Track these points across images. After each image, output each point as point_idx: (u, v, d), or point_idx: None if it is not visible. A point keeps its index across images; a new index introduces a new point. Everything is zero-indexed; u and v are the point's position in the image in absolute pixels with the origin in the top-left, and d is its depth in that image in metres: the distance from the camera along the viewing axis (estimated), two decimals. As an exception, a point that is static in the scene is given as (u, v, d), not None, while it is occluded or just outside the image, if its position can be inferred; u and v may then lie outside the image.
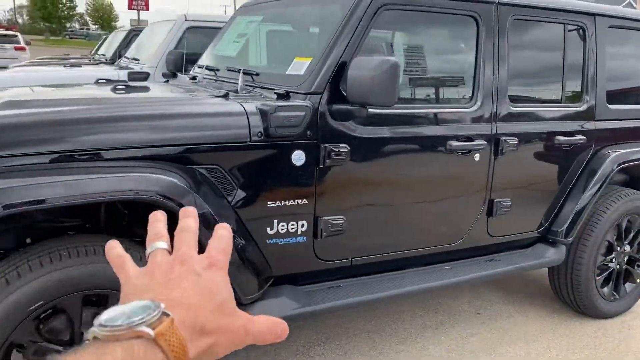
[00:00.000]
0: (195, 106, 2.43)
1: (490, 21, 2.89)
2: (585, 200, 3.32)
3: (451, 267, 3.05)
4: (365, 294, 2.69)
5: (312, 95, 2.46)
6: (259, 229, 2.43)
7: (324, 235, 2.56)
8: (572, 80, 3.30)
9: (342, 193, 2.59)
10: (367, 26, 2.55)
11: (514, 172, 3.11)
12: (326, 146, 2.47)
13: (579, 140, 3.27)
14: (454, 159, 2.83)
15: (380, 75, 2.33)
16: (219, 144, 2.29)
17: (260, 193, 2.40)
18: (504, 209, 3.09)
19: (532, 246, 3.40)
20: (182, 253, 0.58)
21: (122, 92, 2.68)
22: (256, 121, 2.34)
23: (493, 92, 2.93)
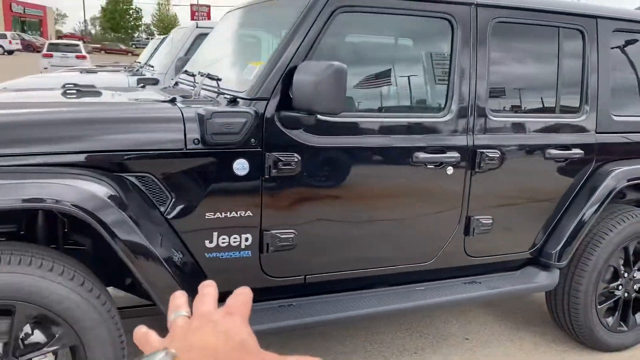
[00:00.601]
0: (129, 112, 2.34)
1: (467, 24, 2.66)
2: (582, 221, 3.01)
3: (423, 289, 2.83)
4: (318, 315, 2.52)
5: (257, 101, 2.32)
6: (197, 242, 2.31)
7: (271, 250, 2.42)
8: (569, 89, 3.01)
9: (292, 206, 2.44)
10: (322, 29, 2.39)
11: (496, 188, 2.85)
12: (272, 155, 2.33)
13: (575, 154, 2.98)
14: (422, 172, 2.62)
15: (323, 80, 2.17)
16: (151, 151, 2.19)
17: (198, 204, 2.28)
18: (484, 227, 2.84)
19: (522, 269, 3.12)
20: (199, 310, 0.61)
21: (72, 97, 2.63)
22: (193, 128, 2.22)
23: (470, 101, 2.70)
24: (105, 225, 1.98)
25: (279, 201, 2.40)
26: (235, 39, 3.32)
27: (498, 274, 3.07)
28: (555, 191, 3.02)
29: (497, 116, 2.79)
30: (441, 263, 2.84)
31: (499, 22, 2.75)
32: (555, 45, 2.92)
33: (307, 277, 2.56)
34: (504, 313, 3.75)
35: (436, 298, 2.78)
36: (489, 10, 2.71)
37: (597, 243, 3.10)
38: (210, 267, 2.35)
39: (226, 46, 3.26)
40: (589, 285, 3.11)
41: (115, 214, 2.01)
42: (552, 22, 2.89)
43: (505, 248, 3.00)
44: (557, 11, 2.89)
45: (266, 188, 2.36)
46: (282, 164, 2.35)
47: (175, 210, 2.26)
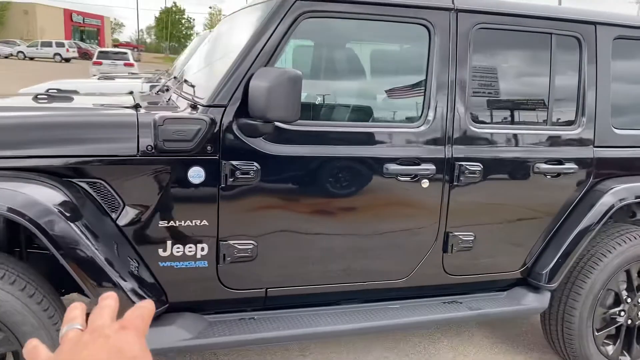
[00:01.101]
0: (83, 117, 2.33)
1: (446, 31, 2.53)
2: (576, 241, 2.81)
3: (397, 307, 2.69)
4: (280, 330, 2.43)
5: (213, 108, 2.27)
6: (150, 250, 2.26)
7: (228, 261, 2.35)
8: (563, 100, 2.83)
9: (251, 216, 2.36)
10: (285, 35, 2.32)
11: (479, 203, 2.70)
12: (230, 164, 2.27)
13: (569, 169, 2.79)
14: (393, 184, 2.50)
15: (277, 87, 2.10)
16: (103, 157, 2.17)
17: (151, 212, 2.24)
18: (464, 244, 2.69)
19: (509, 290, 2.93)
20: (93, 324, 0.58)
21: (43, 102, 2.64)
22: (147, 134, 2.19)
23: (448, 111, 2.56)
24: (44, 229, 1.96)
25: (237, 211, 2.33)
26: (220, 45, 3.29)
27: (483, 294, 2.90)
28: (546, 208, 2.83)
29: (480, 127, 2.64)
30: (418, 280, 2.70)
31: (482, 28, 2.61)
32: (547, 53, 2.74)
33: (268, 290, 2.48)
34: (502, 335, 3.55)
35: (411, 317, 2.64)
36: (470, 16, 2.58)
37: (593, 265, 2.89)
38: (165, 276, 2.30)
39: (212, 52, 3.23)
40: (584, 310, 2.90)
41: (55, 218, 1.99)
42: (543, 29, 2.72)
43: (490, 267, 2.83)
44: (549, 17, 2.72)
45: (223, 197, 2.29)
46: (240, 172, 2.28)
47: (128, 218, 2.22)
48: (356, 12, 2.43)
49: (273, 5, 2.34)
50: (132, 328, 0.57)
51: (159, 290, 2.27)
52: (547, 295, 2.88)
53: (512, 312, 2.83)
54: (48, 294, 2.10)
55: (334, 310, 2.61)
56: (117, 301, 0.63)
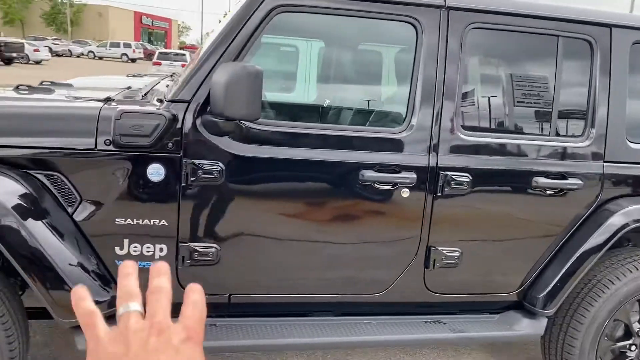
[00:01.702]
0: (46, 109, 2.29)
1: (435, 30, 2.35)
2: (577, 263, 2.56)
3: (373, 323, 2.52)
4: (237, 339, 2.31)
5: (176, 104, 2.19)
6: (106, 247, 2.20)
7: (188, 264, 2.26)
8: (569, 110, 2.59)
9: (214, 218, 2.27)
10: (256, 30, 2.21)
11: (467, 217, 2.49)
12: (192, 162, 2.18)
13: (572, 184, 2.54)
14: (369, 192, 2.34)
15: (235, 83, 2.00)
16: (60, 149, 2.13)
17: (109, 208, 2.18)
18: (449, 260, 2.49)
19: (502, 313, 2.70)
20: (158, 321, 0.54)
21: (24, 93, 2.64)
22: (106, 128, 2.13)
23: (434, 117, 2.38)
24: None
25: (198, 212, 2.24)
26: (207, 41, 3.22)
27: (472, 315, 2.68)
28: (546, 226, 2.59)
29: (470, 135, 2.44)
30: (396, 296, 2.52)
31: (477, 27, 2.41)
32: (552, 57, 2.51)
33: (231, 296, 2.37)
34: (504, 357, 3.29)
35: (387, 335, 2.46)
36: (463, 14, 2.38)
37: (598, 292, 2.61)
38: (121, 275, 2.23)
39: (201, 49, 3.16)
40: (586, 341, 2.63)
41: (2, 211, 1.96)
42: (549, 30, 2.49)
43: (480, 287, 2.61)
44: (557, 17, 2.49)
45: (184, 197, 2.21)
46: (202, 172, 2.19)
47: (84, 213, 2.17)
48: (336, 8, 2.29)
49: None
50: (197, 340, 0.54)
51: (110, 289, 2.20)
52: (543, 321, 2.63)
53: (500, 337, 2.60)
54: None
55: (303, 321, 2.47)
56: (169, 277, 0.58)
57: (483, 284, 2.61)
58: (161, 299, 0.56)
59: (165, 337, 0.52)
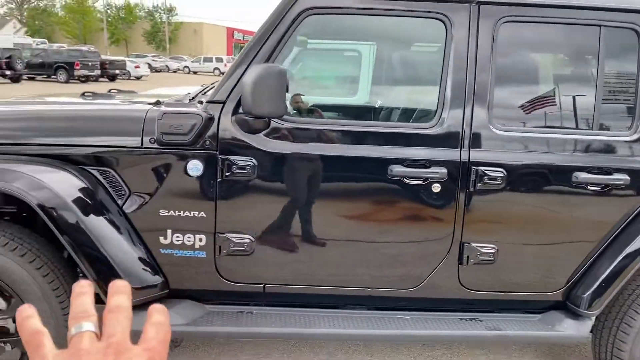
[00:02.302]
0: (101, 112, 2.54)
1: (465, 25, 2.36)
2: (625, 263, 2.44)
3: (407, 318, 2.54)
4: (271, 327, 2.43)
5: (213, 104, 2.35)
6: (152, 237, 2.40)
7: (224, 254, 2.41)
8: (614, 101, 2.48)
9: (247, 211, 2.40)
10: (286, 32, 2.34)
11: (503, 213, 2.46)
12: (227, 158, 2.33)
13: (618, 180, 2.43)
14: (399, 187, 2.38)
15: (261, 83, 2.13)
16: (112, 147, 2.36)
17: (154, 200, 2.37)
18: (483, 257, 2.46)
19: (545, 313, 2.62)
20: (116, 342, 0.49)
21: (88, 99, 2.92)
22: (150, 127, 2.33)
23: (465, 111, 2.38)
24: (49, 214, 2.18)
25: (233, 205, 2.39)
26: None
27: (512, 314, 2.62)
28: (590, 223, 2.49)
29: (504, 129, 2.41)
30: (429, 292, 2.53)
31: (509, 21, 2.38)
32: (593, 47, 2.43)
33: (266, 286, 2.49)
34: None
35: (419, 330, 2.48)
36: (495, 8, 2.37)
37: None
38: (165, 263, 2.42)
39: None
40: (636, 346, 2.49)
41: (59, 201, 2.20)
42: (589, 20, 2.41)
43: (519, 285, 2.55)
44: (597, 7, 2.40)
45: (220, 191, 2.36)
46: (236, 167, 2.33)
47: (133, 205, 2.38)
48: (365, 8, 2.37)
49: (279, 3, 2.37)
50: (158, 358, 0.50)
51: (153, 275, 2.39)
52: (587, 323, 2.53)
53: (540, 337, 2.52)
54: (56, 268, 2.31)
55: (336, 313, 2.54)
56: (130, 295, 0.54)
57: (522, 282, 2.55)
58: (120, 318, 0.52)
59: (124, 358, 0.48)
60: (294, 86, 3.23)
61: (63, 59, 27.23)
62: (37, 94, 4.07)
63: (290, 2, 2.33)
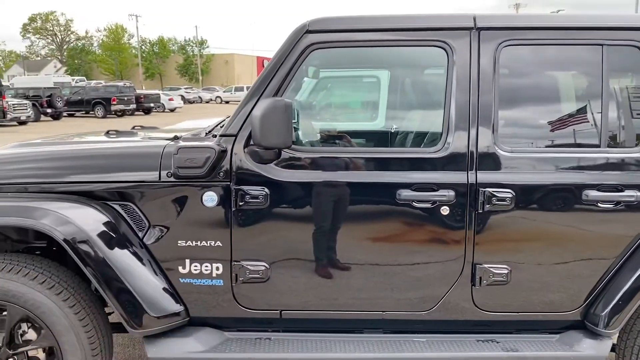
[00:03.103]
0: (121, 149, 2.68)
1: (466, 52, 2.42)
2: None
3: (423, 340, 2.57)
4: (289, 352, 2.48)
5: (226, 137, 2.46)
6: (172, 267, 2.50)
7: (240, 281, 2.49)
8: (620, 117, 2.49)
9: (262, 239, 2.48)
10: (293, 66, 2.44)
11: (513, 234, 2.47)
12: (241, 189, 2.43)
13: (629, 197, 2.42)
14: (408, 210, 2.43)
15: (267, 116, 2.23)
16: (132, 183, 2.49)
17: (172, 232, 2.48)
18: (496, 277, 2.47)
19: (563, 333, 2.60)
20: None
21: (112, 137, 3.08)
22: (167, 162, 2.46)
23: (470, 135, 2.42)
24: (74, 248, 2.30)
25: (248, 234, 2.47)
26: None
27: (530, 335, 2.61)
28: (603, 241, 2.48)
29: (511, 150, 2.44)
30: (444, 314, 2.54)
31: (510, 45, 2.44)
32: (596, 66, 2.45)
33: (282, 312, 2.55)
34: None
35: (435, 352, 2.49)
36: (495, 33, 2.43)
37: (670, 311, 2.44)
38: (185, 292, 2.51)
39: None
40: (660, 364, 2.45)
41: (84, 235, 2.33)
42: (590, 40, 2.44)
43: (535, 305, 2.55)
44: (598, 27, 2.44)
45: (235, 220, 2.46)
46: (249, 197, 2.43)
47: (152, 237, 2.49)
48: (368, 40, 2.46)
49: (286, 38, 2.48)
50: None
51: (174, 303, 2.48)
52: (607, 342, 2.50)
53: (558, 358, 2.49)
54: (82, 299, 2.43)
55: (353, 337, 2.58)
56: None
57: (538, 302, 2.54)
58: None
59: None
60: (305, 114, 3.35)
61: (100, 95, 28.33)
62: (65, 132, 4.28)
63: (296, 39, 2.44)
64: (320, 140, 2.84)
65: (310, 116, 3.58)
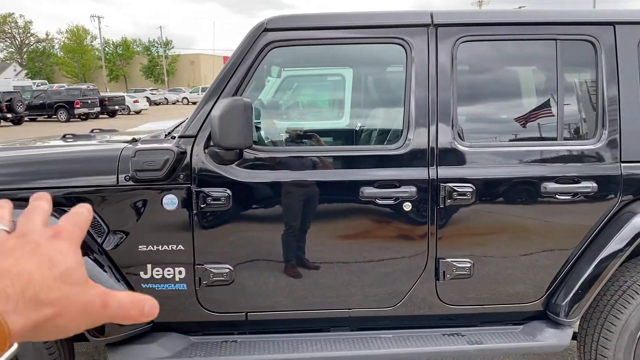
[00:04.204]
0: (77, 153, 2.61)
1: (424, 48, 2.44)
2: (599, 270, 2.47)
3: (390, 336, 2.57)
4: (255, 354, 2.46)
5: (185, 139, 2.42)
6: (133, 272, 2.45)
7: (204, 285, 2.45)
8: (576, 112, 2.54)
9: (225, 241, 2.45)
10: (252, 65, 2.42)
11: (475, 227, 2.50)
12: (201, 191, 2.39)
13: (586, 188, 2.47)
14: (371, 208, 2.43)
15: (227, 116, 2.20)
16: (91, 187, 2.42)
17: (132, 237, 2.43)
18: (460, 271, 2.50)
19: (527, 323, 2.64)
20: (22, 227, 0.52)
21: (69, 141, 3.00)
22: (125, 165, 2.40)
23: (430, 131, 2.44)
24: None
25: (210, 236, 2.44)
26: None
27: (494, 327, 2.64)
28: (563, 233, 2.53)
29: (470, 145, 2.47)
30: (410, 310, 2.56)
31: (467, 41, 2.46)
32: (551, 61, 2.49)
33: (248, 314, 2.53)
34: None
35: (401, 348, 2.50)
36: (452, 30, 2.45)
37: (628, 299, 2.50)
38: (148, 297, 2.46)
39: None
40: (619, 351, 2.50)
41: None
42: (544, 35, 2.48)
43: (498, 297, 2.58)
44: (551, 22, 2.48)
45: (197, 223, 2.42)
46: (211, 199, 2.39)
47: (112, 243, 2.44)
48: (326, 38, 2.45)
49: (244, 37, 2.45)
50: (66, 237, 0.51)
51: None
52: (568, 331, 2.55)
53: (521, 348, 2.54)
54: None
55: (319, 337, 2.57)
56: (50, 203, 0.57)
57: (501, 294, 2.58)
58: (33, 215, 0.53)
59: (27, 238, 0.50)
60: (271, 114, 3.33)
61: (63, 98, 27.63)
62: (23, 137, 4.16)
63: (254, 37, 2.41)
64: (288, 139, 2.82)
65: (277, 116, 3.56)
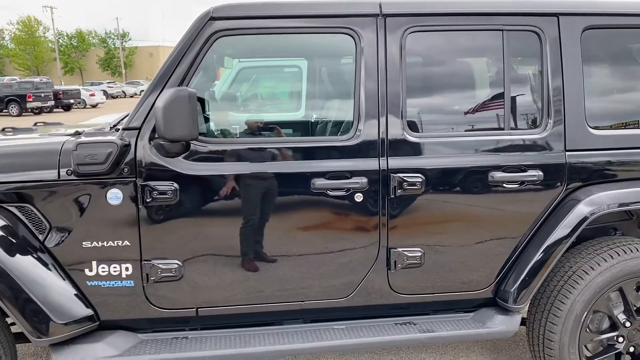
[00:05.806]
0: (15, 147, 2.51)
1: (373, 38, 2.42)
2: (545, 256, 2.52)
3: (343, 327, 2.57)
4: (206, 350, 2.42)
5: (129, 131, 2.35)
6: (77, 270, 2.37)
7: (152, 281, 2.39)
8: (522, 102, 2.57)
9: (173, 237, 2.39)
10: (198, 55, 2.36)
11: (424, 217, 2.51)
12: (147, 185, 2.32)
13: (532, 176, 2.52)
14: (322, 199, 2.41)
15: (170, 107, 2.14)
16: (29, 183, 2.33)
17: (75, 233, 2.35)
18: (410, 260, 2.51)
19: (476, 311, 2.69)
20: None
21: (8, 134, 2.88)
22: (66, 159, 2.32)
23: (381, 121, 2.43)
24: None
25: (157, 231, 2.38)
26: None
27: (445, 315, 2.68)
28: (510, 221, 2.57)
29: (419, 136, 2.47)
30: (363, 300, 2.56)
31: (416, 31, 2.46)
32: (497, 51, 2.52)
33: (199, 309, 2.48)
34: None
35: (354, 339, 2.50)
36: (400, 20, 2.45)
37: (572, 284, 2.56)
38: (94, 295, 2.39)
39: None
40: (565, 334, 2.57)
41: None
42: (490, 26, 2.51)
43: (449, 285, 2.61)
44: (497, 12, 2.50)
45: (143, 218, 2.35)
46: (157, 193, 2.33)
47: (54, 240, 2.35)
48: (274, 27, 2.41)
49: (190, 26, 2.39)
50: None
51: (81, 308, 2.36)
52: (516, 317, 2.60)
53: (472, 335, 2.58)
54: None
55: (272, 330, 2.55)
56: None
57: (452, 282, 2.61)
58: None
59: None
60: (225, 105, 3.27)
61: (14, 91, 26.66)
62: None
63: (200, 26, 2.35)
64: (247, 132, 2.77)
65: (233, 107, 3.50)
